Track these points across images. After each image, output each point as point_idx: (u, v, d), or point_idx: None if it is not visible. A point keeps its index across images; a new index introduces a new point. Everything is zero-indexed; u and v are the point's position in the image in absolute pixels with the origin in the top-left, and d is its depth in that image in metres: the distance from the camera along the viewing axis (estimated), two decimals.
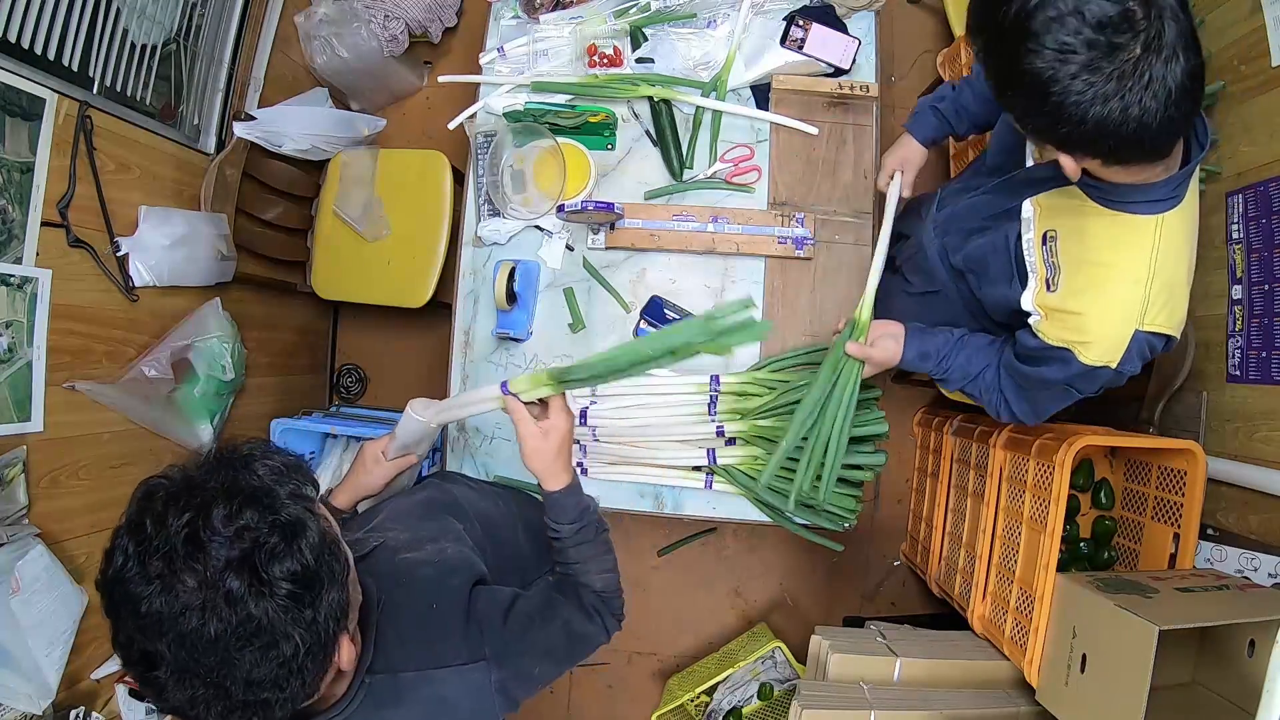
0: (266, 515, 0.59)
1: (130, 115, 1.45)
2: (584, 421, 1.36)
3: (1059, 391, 1.03)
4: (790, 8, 1.42)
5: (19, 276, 1.20)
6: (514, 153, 1.44)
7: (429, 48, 2.23)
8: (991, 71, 0.76)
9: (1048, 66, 0.68)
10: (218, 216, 1.64)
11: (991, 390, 1.13)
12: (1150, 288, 0.88)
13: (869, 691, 1.29)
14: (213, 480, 0.60)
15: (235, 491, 0.59)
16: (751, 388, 1.33)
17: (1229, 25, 1.35)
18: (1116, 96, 0.67)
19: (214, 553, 0.56)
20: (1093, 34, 0.66)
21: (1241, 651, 1.15)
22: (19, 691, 1.13)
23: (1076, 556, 1.47)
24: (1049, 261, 0.97)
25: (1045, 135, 0.76)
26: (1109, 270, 0.90)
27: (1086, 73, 0.67)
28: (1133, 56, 0.66)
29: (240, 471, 0.61)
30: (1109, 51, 0.66)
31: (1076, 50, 0.66)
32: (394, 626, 0.79)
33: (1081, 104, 0.68)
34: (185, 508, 0.57)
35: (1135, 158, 0.76)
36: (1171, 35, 0.66)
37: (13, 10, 1.19)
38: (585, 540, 0.96)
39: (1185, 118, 0.70)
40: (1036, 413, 1.10)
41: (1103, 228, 0.90)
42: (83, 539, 1.31)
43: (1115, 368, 0.93)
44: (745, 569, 2.15)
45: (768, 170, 1.43)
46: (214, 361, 1.60)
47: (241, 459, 0.62)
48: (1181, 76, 0.67)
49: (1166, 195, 0.84)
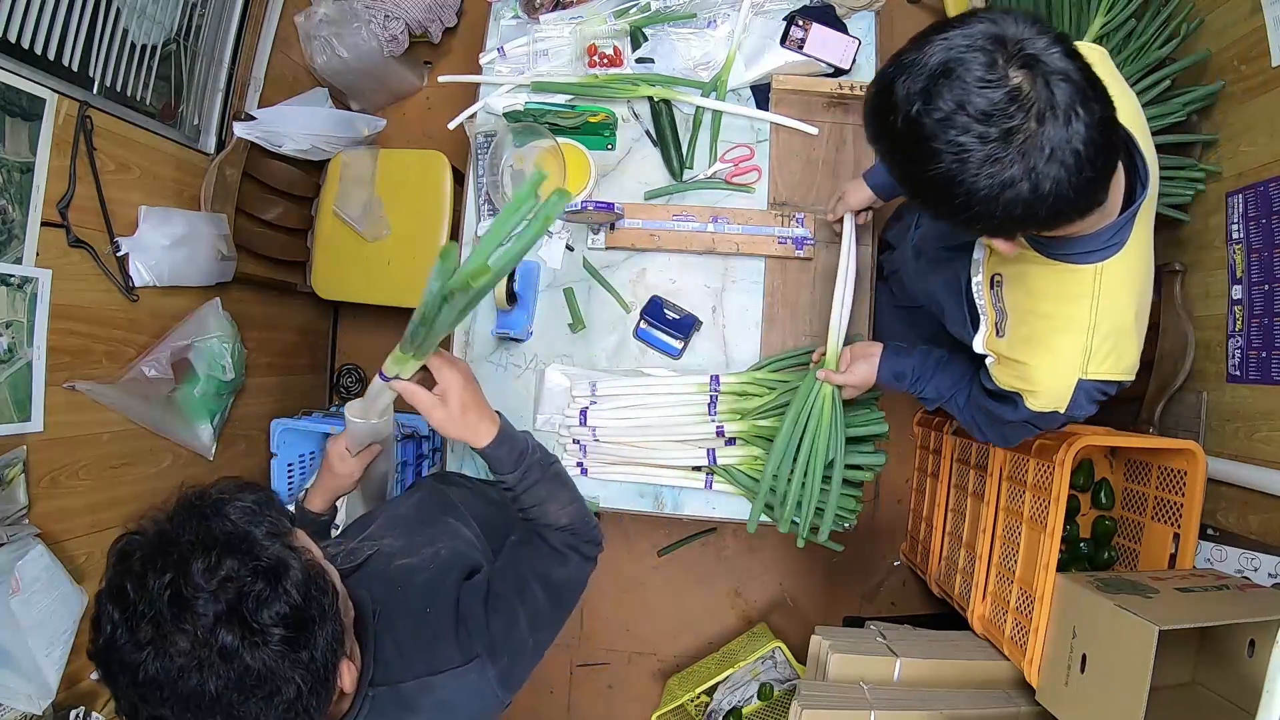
0: (247, 561, 0.58)
1: (130, 115, 1.45)
2: (584, 422, 1.36)
3: (1020, 427, 1.03)
4: (790, 8, 1.42)
5: (19, 276, 1.20)
6: (514, 153, 1.44)
7: (429, 48, 2.23)
8: (897, 178, 0.74)
9: (947, 168, 0.66)
10: (218, 216, 1.64)
11: (964, 414, 1.14)
12: (1092, 338, 0.85)
13: (869, 691, 1.28)
14: (186, 533, 0.59)
15: (211, 542, 0.58)
16: (751, 388, 1.33)
17: (1229, 25, 1.35)
18: (1024, 178, 0.64)
19: (201, 609, 0.55)
20: (983, 127, 0.63)
21: (1241, 651, 1.15)
22: (19, 691, 1.13)
23: (1076, 556, 1.47)
24: (997, 306, 0.95)
25: (968, 228, 0.74)
26: (1050, 321, 0.88)
27: (988, 165, 0.64)
28: (1029, 133, 0.63)
29: (212, 519, 0.60)
30: (1004, 137, 0.63)
31: (972, 148, 0.64)
32: (391, 636, 0.79)
33: (990, 195, 0.66)
34: (164, 567, 0.56)
35: (1065, 221, 0.73)
36: (1064, 96, 0.63)
37: (13, 10, 1.19)
38: (533, 481, 0.93)
39: (1104, 170, 0.68)
40: (1006, 440, 1.12)
41: (1044, 277, 0.88)
42: (83, 539, 1.31)
43: (1064, 413, 0.92)
44: (745, 569, 2.15)
45: (768, 170, 1.43)
46: (214, 361, 1.60)
47: (211, 505, 0.61)
48: (1087, 133, 0.63)
49: (1105, 244, 0.81)
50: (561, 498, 0.95)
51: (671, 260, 1.44)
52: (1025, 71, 0.63)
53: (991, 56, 0.63)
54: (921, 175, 0.68)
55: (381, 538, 0.93)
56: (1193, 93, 1.38)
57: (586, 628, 2.19)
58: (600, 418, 1.35)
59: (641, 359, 1.43)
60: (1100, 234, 0.80)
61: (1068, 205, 0.68)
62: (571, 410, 1.38)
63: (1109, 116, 0.66)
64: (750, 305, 1.42)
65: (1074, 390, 0.89)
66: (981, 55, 0.63)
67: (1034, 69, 0.63)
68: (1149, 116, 1.39)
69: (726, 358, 1.42)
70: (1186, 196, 1.40)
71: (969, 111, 0.63)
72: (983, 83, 0.63)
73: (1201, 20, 1.40)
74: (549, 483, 0.94)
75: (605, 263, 1.45)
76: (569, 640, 2.19)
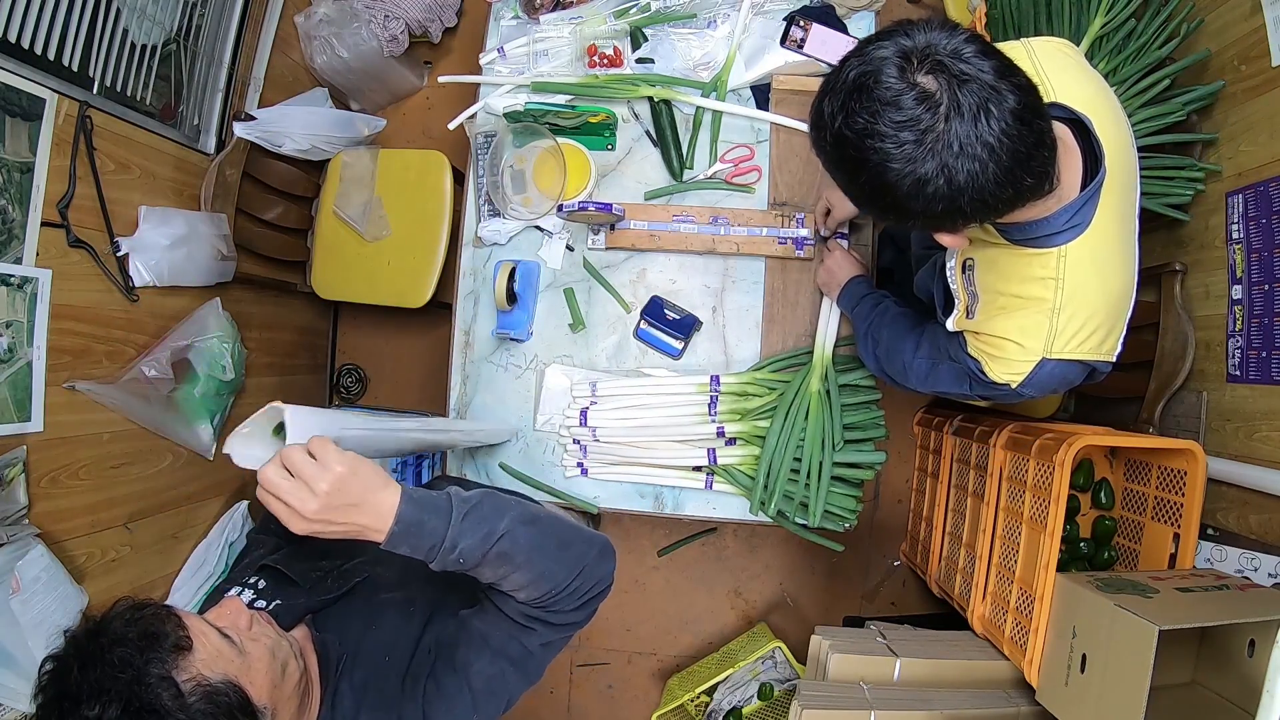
0: (127, 715, 0.61)
1: (130, 115, 1.45)
2: (584, 422, 1.36)
3: (957, 375, 1.02)
4: (790, 8, 1.42)
5: (19, 276, 1.20)
6: (514, 153, 1.44)
7: (429, 48, 2.23)
8: (842, 189, 0.78)
9: (874, 175, 0.70)
10: (218, 216, 1.64)
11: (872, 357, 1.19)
12: (1056, 319, 0.87)
13: (869, 691, 1.28)
14: (74, 680, 0.63)
15: (96, 693, 0.62)
16: (752, 388, 1.33)
17: (1229, 25, 1.35)
18: (938, 174, 0.68)
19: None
20: (896, 132, 0.67)
21: (1241, 651, 1.15)
22: (19, 691, 1.13)
23: (1076, 556, 1.47)
24: (969, 290, 0.98)
25: (910, 226, 0.78)
26: (1016, 300, 0.90)
27: (907, 166, 0.68)
28: (937, 132, 0.67)
29: (96, 668, 0.63)
30: (918, 140, 0.67)
31: (890, 153, 0.68)
32: (350, 684, 0.79)
33: (914, 193, 0.70)
34: (61, 715, 0.63)
35: (1001, 213, 0.75)
36: (970, 95, 0.66)
37: (13, 10, 1.19)
38: (469, 568, 0.76)
39: (1027, 158, 0.70)
40: (924, 387, 1.10)
41: (1011, 261, 0.90)
42: (83, 539, 1.31)
43: (1015, 388, 0.94)
44: (745, 569, 2.15)
45: (768, 170, 1.43)
46: (214, 361, 1.60)
47: (98, 650, 0.64)
48: (999, 126, 0.67)
49: (1063, 226, 0.83)
50: (515, 579, 0.78)
51: (671, 260, 1.44)
52: (932, 76, 0.67)
53: (901, 66, 0.67)
54: (855, 184, 0.74)
55: (376, 564, 0.92)
56: (1193, 93, 1.38)
57: (586, 628, 2.19)
58: (600, 418, 1.35)
59: (642, 359, 1.43)
60: (1056, 217, 0.82)
61: (992, 195, 0.71)
62: (572, 410, 1.38)
63: (1023, 106, 0.68)
64: (750, 305, 1.42)
65: (1034, 369, 0.90)
66: (892, 66, 0.68)
67: (940, 73, 0.67)
68: (1149, 116, 1.40)
69: (727, 358, 1.42)
70: (1186, 196, 1.40)
71: (883, 122, 0.68)
72: (893, 91, 0.67)
73: (1201, 20, 1.40)
74: (493, 565, 0.76)
75: (605, 263, 1.45)
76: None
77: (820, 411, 1.24)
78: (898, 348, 1.13)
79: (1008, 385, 0.94)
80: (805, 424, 1.26)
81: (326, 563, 0.92)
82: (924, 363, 1.08)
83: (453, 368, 1.47)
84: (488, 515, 0.77)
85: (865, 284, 1.27)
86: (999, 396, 0.99)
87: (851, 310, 1.26)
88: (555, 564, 0.80)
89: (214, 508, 1.71)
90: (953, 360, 1.02)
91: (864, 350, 1.22)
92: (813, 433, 1.24)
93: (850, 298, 1.27)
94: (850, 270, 1.29)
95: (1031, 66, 0.84)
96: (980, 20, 1.64)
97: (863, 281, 1.28)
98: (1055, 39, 0.91)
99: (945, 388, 1.06)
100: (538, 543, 0.79)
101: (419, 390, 2.32)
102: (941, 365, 1.05)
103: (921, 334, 1.11)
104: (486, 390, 1.46)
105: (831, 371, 1.31)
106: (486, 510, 0.77)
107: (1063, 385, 0.95)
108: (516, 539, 0.77)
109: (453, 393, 1.47)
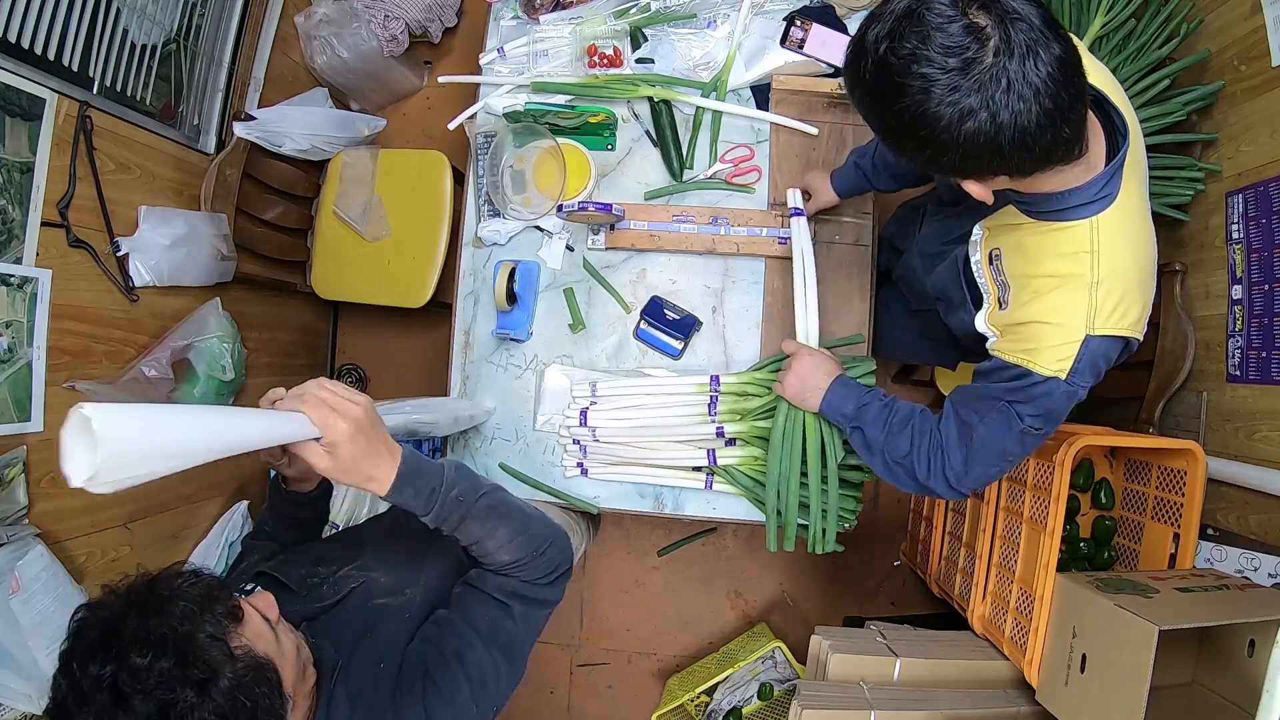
0: (180, 667, 0.61)
1: (130, 115, 1.45)
2: (584, 422, 1.36)
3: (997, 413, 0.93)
4: (790, 8, 1.42)
5: (19, 276, 1.20)
6: (514, 153, 1.44)
7: (429, 48, 2.24)
8: (874, 125, 0.78)
9: (915, 104, 0.69)
10: (218, 216, 1.65)
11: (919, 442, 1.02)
12: (1096, 293, 0.84)
13: (869, 691, 1.28)
14: (130, 624, 0.62)
15: (149, 642, 0.61)
16: (751, 388, 1.33)
17: (1229, 25, 1.35)
18: (982, 108, 0.68)
19: (135, 705, 0.59)
20: (943, 58, 0.67)
21: (1241, 651, 1.15)
22: (19, 691, 1.13)
23: (1076, 556, 1.47)
24: (998, 280, 0.96)
25: (940, 168, 0.77)
26: (1051, 280, 0.88)
27: (949, 94, 0.68)
28: (984, 65, 0.67)
29: (154, 617, 0.62)
30: (963, 69, 0.67)
31: (935, 79, 0.68)
32: (346, 691, 0.79)
33: (952, 127, 0.69)
34: (105, 659, 0.60)
35: (1036, 164, 0.74)
36: (1021, 34, 0.66)
37: (13, 10, 1.19)
38: (457, 520, 0.83)
39: (1068, 108, 0.70)
40: (969, 459, 0.97)
41: (1039, 240, 0.88)
42: (83, 539, 1.31)
43: (1065, 379, 0.87)
44: (745, 569, 2.15)
45: (768, 170, 1.43)
46: (214, 361, 1.60)
47: (156, 600, 0.64)
48: (1045, 70, 0.67)
49: (1094, 196, 0.82)
50: (498, 535, 0.86)
51: (671, 261, 1.44)
52: (984, 11, 0.67)
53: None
54: (889, 113, 0.72)
55: (370, 570, 0.93)
56: (1193, 93, 1.38)
57: (586, 628, 2.19)
58: (600, 418, 1.35)
59: (642, 359, 1.43)
60: (1089, 186, 0.82)
61: (1030, 140, 0.70)
62: (571, 410, 1.38)
63: (1069, 58, 0.69)
64: (750, 305, 1.42)
65: (1080, 349, 0.86)
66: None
67: (993, 9, 0.67)
68: (1149, 116, 1.40)
69: (727, 358, 1.42)
70: (1186, 196, 1.40)
71: (931, 47, 0.67)
72: (944, 19, 0.67)
73: (1201, 20, 1.40)
74: (480, 519, 0.84)
75: (605, 263, 1.45)
76: (569, 640, 2.19)
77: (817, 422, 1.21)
78: (942, 440, 1.00)
79: (1057, 379, 0.87)
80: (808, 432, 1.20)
81: (322, 569, 0.93)
82: (984, 430, 0.95)
83: (452, 368, 1.47)
84: (471, 475, 0.87)
85: (852, 385, 1.12)
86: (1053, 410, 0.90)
87: (849, 423, 1.09)
88: (530, 525, 0.90)
89: (213, 508, 1.71)
90: (993, 399, 0.93)
91: (890, 472, 1.05)
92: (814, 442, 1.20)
93: (838, 407, 1.10)
94: (826, 370, 1.12)
95: None
96: None
97: (845, 383, 1.11)
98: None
99: (996, 452, 0.95)
100: (514, 506, 0.90)
101: (419, 390, 2.32)
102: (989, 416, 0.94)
103: (955, 410, 0.99)
104: (486, 390, 1.46)
105: None
106: (468, 473, 0.87)
107: (1106, 366, 0.89)
108: (498, 496, 0.88)
109: (452, 392, 1.47)
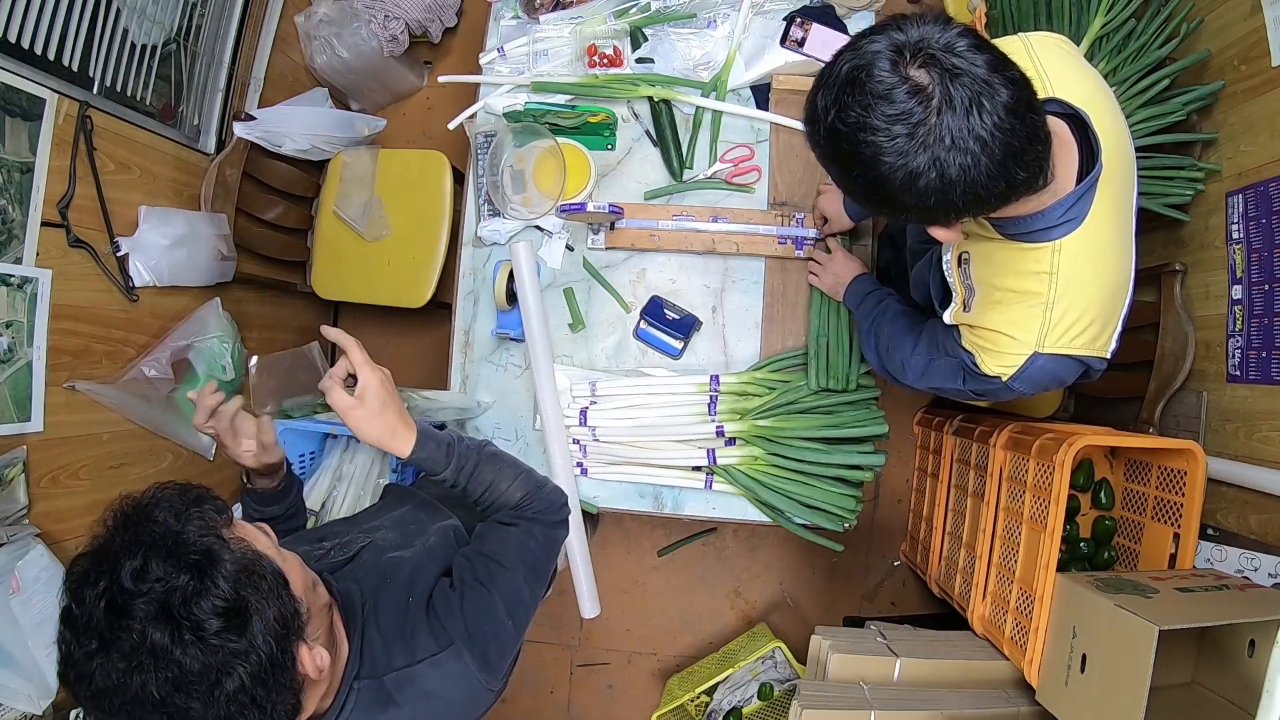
0: (174, 559, 0.58)
1: (130, 115, 1.45)
2: (584, 422, 1.36)
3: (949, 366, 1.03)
4: (790, 8, 1.42)
5: (19, 276, 1.20)
6: (514, 153, 1.44)
7: (429, 48, 2.23)
8: (836, 183, 0.79)
9: (867, 169, 0.70)
10: (218, 216, 1.64)
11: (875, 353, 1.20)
12: (1050, 313, 0.87)
13: (869, 691, 1.28)
14: (117, 541, 0.59)
15: (137, 546, 0.58)
16: (751, 388, 1.33)
17: (1229, 25, 1.35)
18: (930, 168, 0.68)
19: (135, 612, 0.56)
20: (888, 126, 0.67)
21: (1241, 651, 1.15)
22: (19, 691, 1.13)
23: (1076, 556, 1.47)
24: (965, 283, 0.98)
25: (903, 220, 0.79)
26: (1011, 294, 0.90)
27: (899, 160, 0.68)
28: (929, 126, 0.67)
29: (139, 526, 0.60)
30: (909, 133, 0.67)
31: (882, 146, 0.68)
32: (378, 628, 0.79)
33: (906, 186, 0.70)
34: (97, 578, 0.57)
35: (996, 204, 0.75)
36: (962, 89, 0.66)
37: (13, 10, 1.19)
38: (473, 468, 0.91)
39: (1021, 151, 0.70)
40: (922, 379, 1.10)
41: (1006, 254, 0.90)
42: (83, 539, 1.30)
43: (1006, 381, 0.94)
44: (745, 569, 2.15)
45: (768, 170, 1.43)
46: (214, 361, 1.60)
47: (140, 510, 0.62)
48: (992, 120, 0.67)
49: (1057, 220, 0.83)
50: (506, 475, 0.94)
51: (671, 260, 1.44)
52: (924, 70, 0.67)
53: (893, 60, 0.67)
54: (849, 177, 0.74)
55: (377, 531, 0.95)
56: (1193, 92, 1.38)
57: (586, 628, 2.19)
58: (600, 418, 1.35)
59: (641, 359, 1.43)
60: (1051, 211, 0.82)
61: (984, 189, 0.71)
62: (571, 410, 1.38)
63: (1017, 102, 0.68)
64: (750, 305, 1.42)
65: (1025, 363, 0.90)
66: (885, 60, 0.68)
67: (933, 67, 0.67)
68: (1149, 116, 1.40)
69: (726, 358, 1.42)
70: (1186, 196, 1.40)
71: (875, 116, 0.68)
72: (885, 85, 0.67)
73: (1201, 20, 1.40)
74: (489, 464, 0.93)
75: (605, 263, 1.45)
76: (569, 640, 2.19)
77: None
78: (897, 344, 1.14)
79: (999, 379, 0.94)
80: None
81: (327, 542, 0.94)
82: (921, 359, 1.09)
83: (452, 368, 1.47)
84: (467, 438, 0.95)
85: (869, 281, 1.29)
86: (992, 392, 0.99)
87: (856, 308, 1.28)
88: (525, 466, 0.98)
89: None
90: (948, 355, 1.02)
91: (867, 346, 1.23)
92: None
93: (855, 296, 1.29)
94: (853, 269, 1.31)
95: (1029, 61, 0.84)
96: (980, 20, 1.64)
97: (866, 279, 1.29)
98: (1053, 34, 0.91)
99: (940, 383, 1.07)
100: (507, 454, 0.98)
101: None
102: (937, 360, 1.05)
103: (920, 331, 1.11)
104: (486, 390, 1.46)
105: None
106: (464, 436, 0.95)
107: (1055, 382, 0.94)
108: (494, 447, 0.97)
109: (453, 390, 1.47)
